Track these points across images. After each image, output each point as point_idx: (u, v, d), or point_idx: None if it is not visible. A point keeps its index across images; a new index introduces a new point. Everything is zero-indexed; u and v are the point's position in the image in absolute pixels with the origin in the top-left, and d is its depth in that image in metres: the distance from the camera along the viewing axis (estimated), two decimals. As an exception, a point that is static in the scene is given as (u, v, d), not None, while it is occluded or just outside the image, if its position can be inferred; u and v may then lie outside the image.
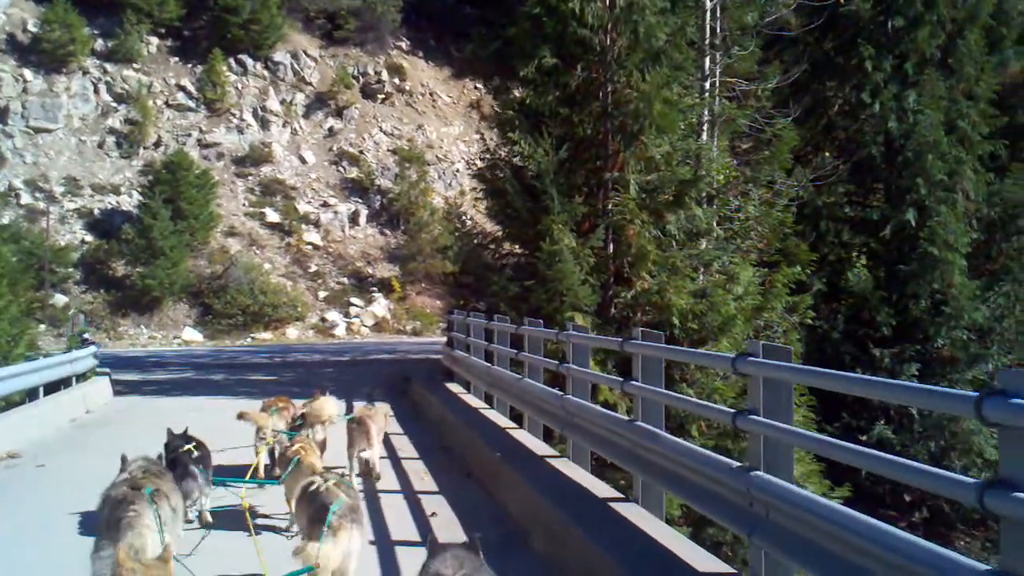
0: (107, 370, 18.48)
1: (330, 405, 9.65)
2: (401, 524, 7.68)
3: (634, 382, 6.79)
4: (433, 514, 7.80)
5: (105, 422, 14.26)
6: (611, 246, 16.89)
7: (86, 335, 19.97)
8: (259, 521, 7.62)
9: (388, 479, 9.62)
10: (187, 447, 7.74)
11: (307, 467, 7.12)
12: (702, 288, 16.43)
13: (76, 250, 39.15)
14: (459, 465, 10.18)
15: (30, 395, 13.73)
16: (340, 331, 39.68)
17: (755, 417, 5.15)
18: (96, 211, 41.02)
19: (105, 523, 5.28)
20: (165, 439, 8.02)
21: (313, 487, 5.78)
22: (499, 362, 12.31)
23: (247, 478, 8.15)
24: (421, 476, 9.55)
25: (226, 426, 9.32)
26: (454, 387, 15.83)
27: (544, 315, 15.56)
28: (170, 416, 13.89)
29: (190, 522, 7.49)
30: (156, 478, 5.74)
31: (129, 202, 41.12)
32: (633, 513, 6.43)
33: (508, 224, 17.71)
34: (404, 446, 11.53)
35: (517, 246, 18.13)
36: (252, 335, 38.26)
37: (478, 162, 19.83)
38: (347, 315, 40.88)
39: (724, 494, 5.28)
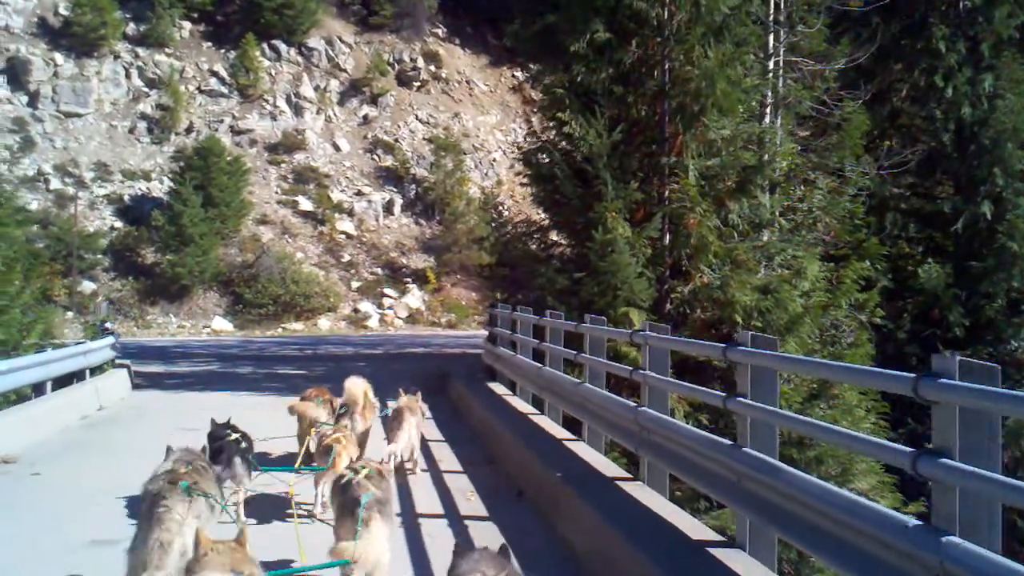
0: (127, 362, 17.42)
1: (359, 384, 9.43)
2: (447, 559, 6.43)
3: (741, 399, 5.50)
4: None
5: (118, 420, 13.13)
6: (667, 236, 15.60)
7: (107, 324, 18.93)
8: (299, 510, 7.34)
9: (429, 499, 8.41)
10: (233, 436, 7.75)
11: (338, 457, 7.33)
12: (767, 283, 15.04)
13: (105, 236, 38.38)
14: (508, 482, 8.93)
15: (36, 390, 12.61)
16: (373, 323, 38.61)
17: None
18: (126, 197, 40.25)
19: (142, 517, 5.34)
20: (209, 428, 8.00)
21: (344, 479, 5.85)
22: (552, 363, 11.03)
23: (296, 467, 8.06)
24: (467, 496, 8.31)
25: (249, 427, 8.16)
26: (497, 387, 14.57)
27: (596, 310, 14.28)
28: (190, 414, 12.90)
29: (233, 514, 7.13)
30: (195, 473, 5.72)
31: (160, 188, 40.33)
32: (741, 564, 5.16)
33: (556, 212, 16.37)
34: (445, 456, 10.30)
35: (565, 236, 16.79)
36: (283, 326, 37.28)
37: (522, 145, 18.46)
38: (380, 306, 39.82)
39: (886, 559, 3.99)
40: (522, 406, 12.22)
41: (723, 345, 6.00)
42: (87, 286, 36.48)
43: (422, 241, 43.76)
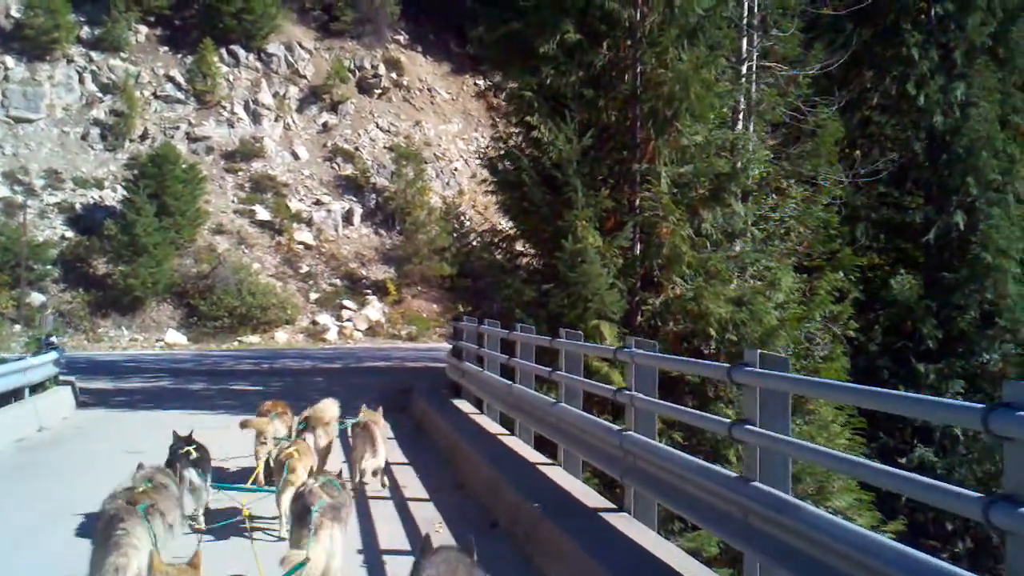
0: (71, 378, 16.52)
1: (333, 408, 9.64)
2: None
3: (750, 427, 4.86)
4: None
5: (58, 442, 12.29)
6: (638, 246, 15.05)
7: (52, 338, 18.00)
8: (257, 530, 7.61)
9: (393, 531, 7.72)
10: (186, 449, 7.74)
11: (292, 472, 7.36)
12: (741, 295, 14.52)
13: (55, 247, 37.09)
14: (480, 511, 8.26)
15: (-38, 412, 11.77)
16: (332, 335, 37.72)
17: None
18: (78, 206, 39.04)
19: (99, 535, 5.34)
20: (171, 441, 7.99)
21: (301, 489, 6.10)
22: (523, 380, 10.39)
23: (249, 484, 8.34)
24: (435, 527, 7.61)
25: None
26: (464, 405, 13.90)
27: (565, 323, 13.69)
28: (136, 435, 12.15)
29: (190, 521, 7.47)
30: (155, 492, 5.77)
31: (113, 197, 39.17)
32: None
33: (523, 220, 15.72)
34: (410, 482, 9.60)
35: (532, 245, 16.17)
36: (239, 339, 36.28)
37: (487, 151, 17.79)
38: (339, 318, 38.94)
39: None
40: (491, 426, 11.58)
41: (727, 366, 5.37)
42: (36, 298, 35.24)
43: (382, 252, 42.94)
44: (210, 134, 43.70)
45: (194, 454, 7.71)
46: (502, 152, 16.59)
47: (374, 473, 9.16)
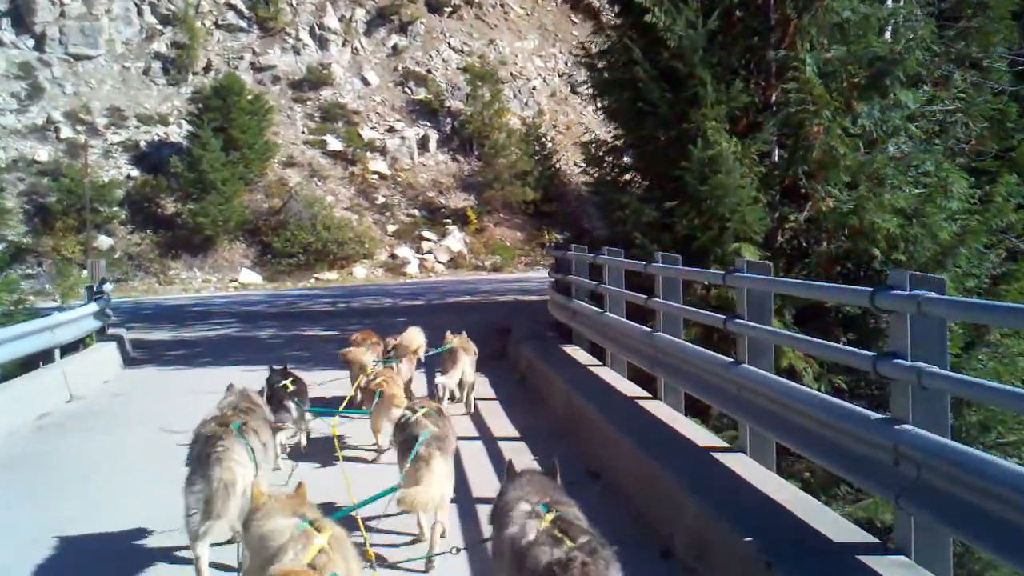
0: (120, 331, 14.57)
1: (419, 336, 10.05)
2: None
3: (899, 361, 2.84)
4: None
5: (86, 418, 10.21)
6: (776, 151, 12.40)
7: (106, 285, 16.11)
8: (347, 452, 7.91)
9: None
10: (283, 383, 8.06)
11: (389, 399, 7.65)
12: (912, 205, 11.78)
13: (121, 187, 35.45)
14: (631, 516, 5.91)
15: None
16: (412, 268, 35.63)
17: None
18: (142, 144, 37.31)
19: (196, 458, 5.27)
20: (267, 375, 8.37)
21: (404, 418, 6.16)
22: (666, 326, 7.93)
23: (340, 410, 8.74)
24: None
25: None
26: (577, 353, 11.48)
27: (698, 248, 11.19)
28: (179, 408, 10.11)
29: (286, 454, 7.64)
30: (244, 414, 5.75)
31: (178, 133, 37.37)
32: None
33: (636, 126, 13.08)
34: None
35: (646, 157, 13.53)
36: (315, 276, 34.41)
37: (584, 47, 14.94)
38: (419, 251, 36.79)
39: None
40: (622, 384, 9.13)
41: (869, 289, 4.77)
42: (103, 241, 33.75)
43: (460, 179, 40.58)
44: (275, 63, 41.54)
45: (291, 387, 8.08)
46: (604, 47, 13.93)
47: (458, 396, 9.73)
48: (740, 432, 6.30)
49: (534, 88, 45.76)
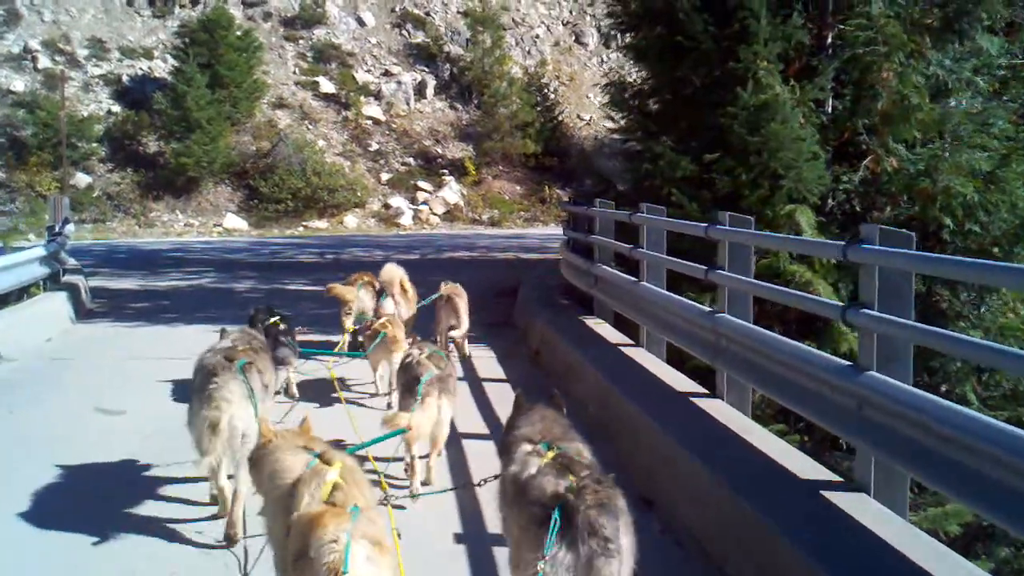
0: (78, 279, 12.95)
1: (396, 270, 9.84)
2: None
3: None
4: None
5: (9, 387, 8.62)
6: (829, 101, 10.79)
7: (68, 226, 14.51)
8: (345, 394, 7.83)
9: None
10: (273, 319, 7.98)
11: (390, 341, 7.57)
12: (987, 168, 10.21)
13: (101, 122, 33.56)
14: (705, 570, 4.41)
15: None
16: (406, 220, 33.95)
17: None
18: (125, 78, 35.41)
19: (194, 391, 5.33)
20: (251, 313, 8.24)
21: (407, 360, 6.08)
22: (731, 307, 6.35)
23: (335, 351, 9.06)
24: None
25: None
26: (601, 327, 9.88)
27: (745, 207, 9.59)
28: (129, 377, 8.68)
29: (278, 393, 7.11)
30: (253, 352, 5.66)
31: (163, 68, 35.51)
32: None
33: (671, 65, 11.38)
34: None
35: (682, 102, 11.86)
36: (304, 223, 32.74)
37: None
38: (414, 201, 35.09)
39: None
40: (665, 373, 7.52)
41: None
42: (81, 179, 31.95)
43: (459, 128, 38.79)
44: (267, -2, 39.50)
45: (281, 325, 7.98)
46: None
47: (457, 343, 9.58)
48: (859, 462, 4.75)
49: (537, 36, 43.84)
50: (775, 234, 8.71)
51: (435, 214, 34.79)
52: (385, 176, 35.77)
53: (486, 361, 9.80)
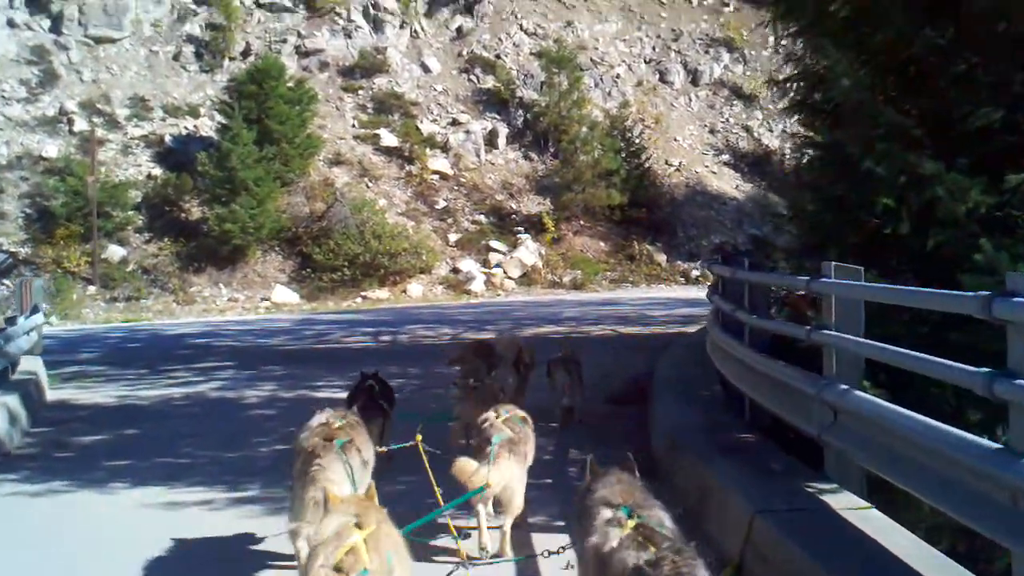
0: (32, 380, 8.99)
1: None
2: None
3: None
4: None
5: None
6: None
7: (36, 315, 10.65)
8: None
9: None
10: (369, 383, 7.96)
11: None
12: None
13: (138, 188, 30.25)
14: None
15: None
16: (477, 285, 29.93)
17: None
18: (168, 138, 32.22)
19: (296, 473, 5.38)
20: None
21: (484, 423, 6.07)
22: None
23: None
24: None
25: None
26: (862, 520, 5.13)
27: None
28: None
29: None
30: (351, 428, 5.74)
31: (209, 126, 32.27)
32: None
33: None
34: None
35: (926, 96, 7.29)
36: (363, 293, 28.90)
37: None
38: (486, 264, 31.10)
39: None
40: None
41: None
42: (114, 252, 28.56)
43: (534, 179, 34.98)
44: (323, 47, 36.56)
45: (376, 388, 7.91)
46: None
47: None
48: None
49: (618, 76, 40.06)
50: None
51: (510, 278, 30.74)
52: (453, 237, 31.92)
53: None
